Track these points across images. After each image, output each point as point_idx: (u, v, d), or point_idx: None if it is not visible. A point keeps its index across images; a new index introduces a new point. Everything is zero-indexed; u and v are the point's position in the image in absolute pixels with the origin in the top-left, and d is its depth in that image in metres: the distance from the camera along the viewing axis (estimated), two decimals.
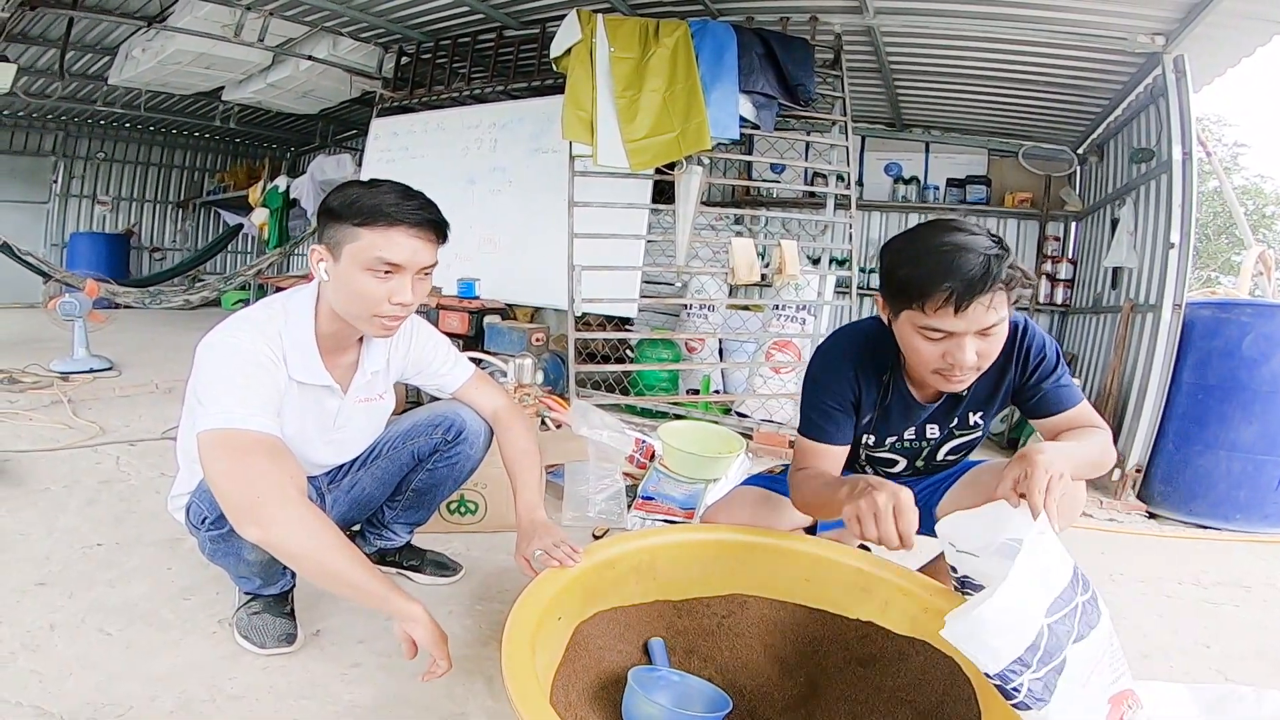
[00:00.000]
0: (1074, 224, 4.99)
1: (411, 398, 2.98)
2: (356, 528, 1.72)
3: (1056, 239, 4.99)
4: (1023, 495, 1.01)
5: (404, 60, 5.13)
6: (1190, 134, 3.11)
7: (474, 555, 1.90)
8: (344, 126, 7.70)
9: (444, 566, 1.77)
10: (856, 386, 1.34)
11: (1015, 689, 0.84)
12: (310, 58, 5.01)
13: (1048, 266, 4.91)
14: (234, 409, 1.10)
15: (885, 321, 1.26)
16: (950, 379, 1.19)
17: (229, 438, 1.09)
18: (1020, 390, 1.34)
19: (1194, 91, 3.16)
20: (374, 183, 1.22)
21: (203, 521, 1.25)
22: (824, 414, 1.33)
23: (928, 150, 5.30)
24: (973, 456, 1.58)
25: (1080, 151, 4.77)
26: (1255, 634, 1.82)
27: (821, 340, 1.49)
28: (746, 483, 1.60)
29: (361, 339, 1.37)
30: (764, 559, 1.30)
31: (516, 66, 4.59)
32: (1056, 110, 4.37)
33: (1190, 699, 1.11)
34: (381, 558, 1.73)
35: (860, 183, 5.15)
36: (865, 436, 1.43)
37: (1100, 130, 4.45)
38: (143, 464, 2.46)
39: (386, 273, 1.19)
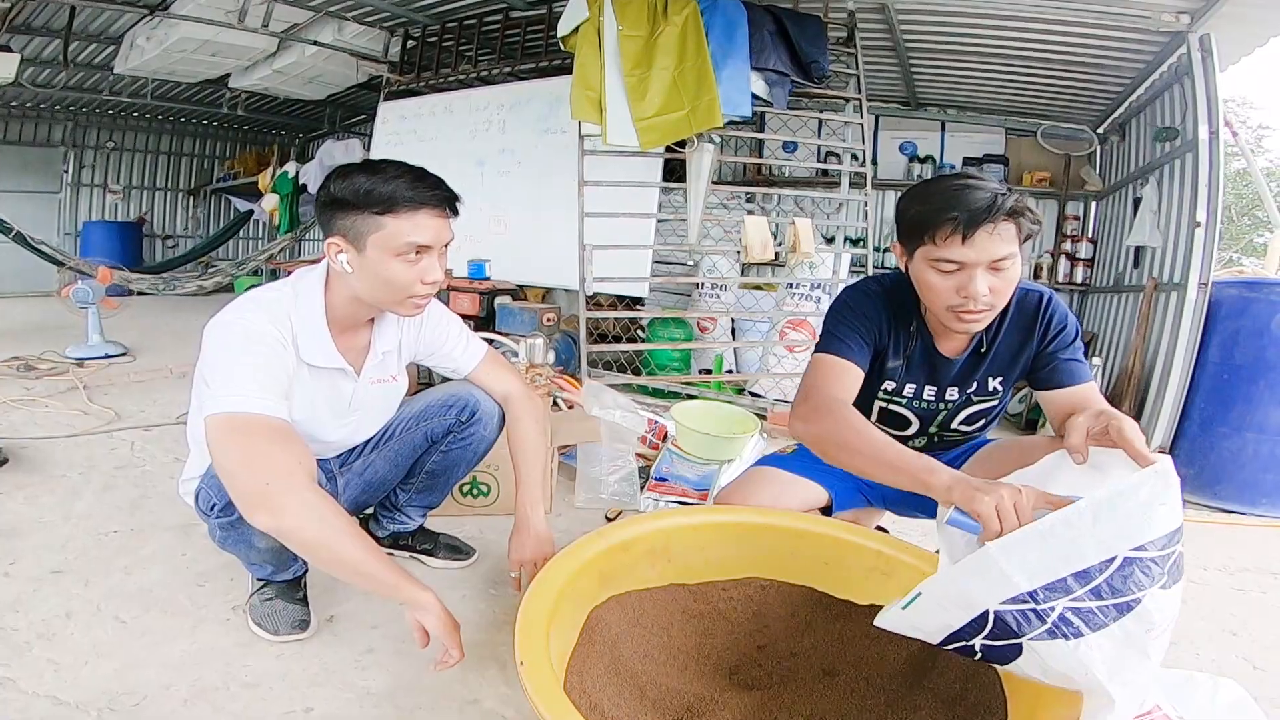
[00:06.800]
0: (1094, 203, 4.88)
1: (423, 379, 2.97)
2: (370, 511, 1.72)
3: (1076, 218, 4.89)
4: (1103, 445, 0.95)
5: (410, 44, 5.09)
6: (1216, 113, 3.03)
7: (487, 538, 1.88)
8: (352, 112, 7.66)
9: (457, 550, 1.76)
10: (885, 325, 1.34)
11: (1044, 611, 0.79)
12: (316, 43, 4.96)
13: (1067, 245, 4.82)
14: (242, 392, 1.08)
15: (904, 270, 1.27)
16: (965, 316, 1.19)
17: (237, 422, 1.07)
18: (1037, 358, 1.33)
19: (1220, 71, 3.07)
20: (376, 166, 1.18)
21: (211, 508, 1.24)
22: (849, 331, 1.31)
23: (943, 129, 5.19)
24: (988, 434, 1.56)
25: (1101, 131, 4.67)
26: (1277, 622, 1.77)
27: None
28: (760, 463, 1.57)
29: (372, 320, 1.35)
30: (781, 541, 1.27)
31: (524, 48, 4.53)
32: (1076, 89, 4.26)
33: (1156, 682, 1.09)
34: (395, 541, 1.73)
35: (874, 161, 5.06)
36: (886, 382, 1.40)
37: (1122, 109, 4.34)
38: (158, 449, 2.47)
39: (417, 254, 1.19)
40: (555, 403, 2.66)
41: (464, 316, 1.73)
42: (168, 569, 1.61)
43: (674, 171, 3.75)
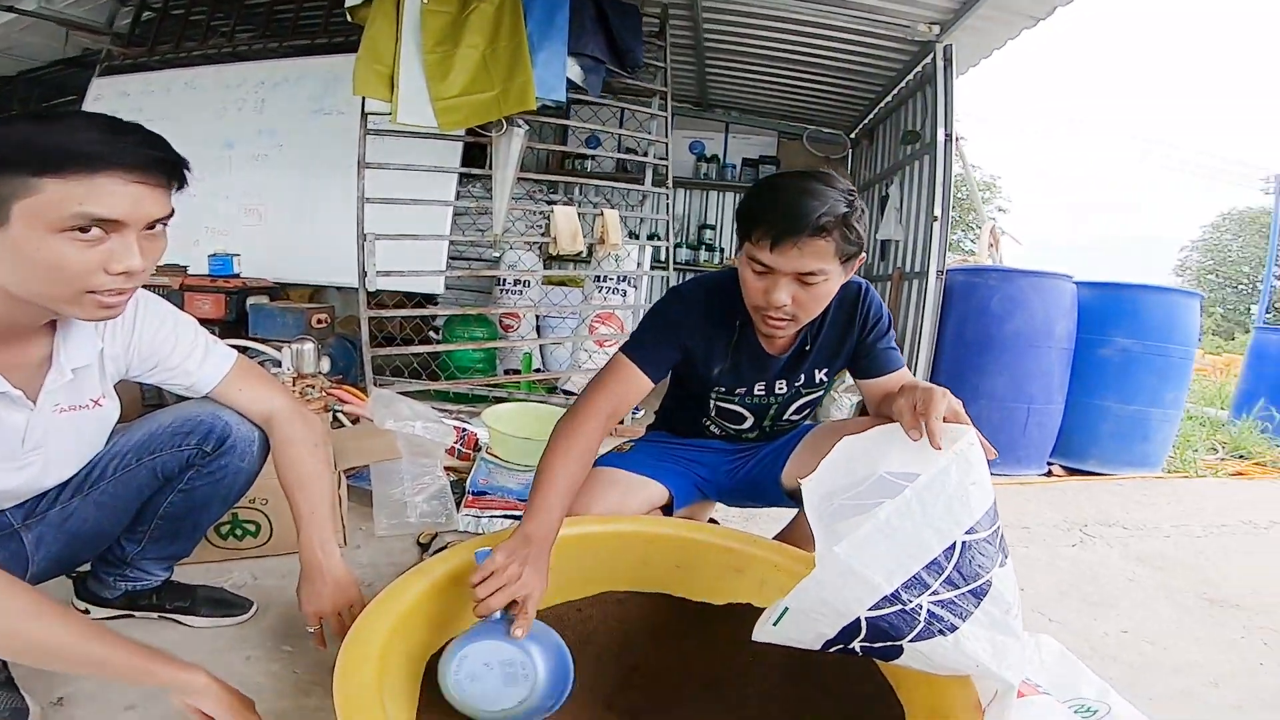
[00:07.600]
0: None
1: (150, 399, 2.39)
2: (86, 568, 1.31)
3: None
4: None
5: (146, 15, 4.20)
6: (952, 118, 3.47)
7: (265, 585, 1.55)
8: (55, 90, 6.05)
9: (225, 604, 1.41)
10: (701, 332, 1.34)
11: (913, 611, 0.79)
12: (12, 9, 3.86)
13: None
14: None
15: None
16: (765, 320, 1.22)
17: None
18: (858, 348, 1.39)
19: (956, 79, 3.50)
20: (49, 115, 0.84)
21: None
22: (651, 338, 1.33)
23: (727, 130, 5.52)
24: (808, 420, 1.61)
25: (853, 135, 5.24)
26: (1049, 574, 1.95)
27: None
28: (600, 463, 1.47)
29: (53, 325, 0.97)
30: (631, 549, 1.17)
31: (296, 24, 3.96)
32: (839, 95, 4.71)
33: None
34: (132, 601, 1.33)
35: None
36: (716, 387, 1.42)
37: (871, 116, 4.90)
38: None
39: (90, 231, 0.81)
40: (335, 418, 2.32)
41: (203, 321, 1.31)
42: None
43: (474, 159, 3.49)
